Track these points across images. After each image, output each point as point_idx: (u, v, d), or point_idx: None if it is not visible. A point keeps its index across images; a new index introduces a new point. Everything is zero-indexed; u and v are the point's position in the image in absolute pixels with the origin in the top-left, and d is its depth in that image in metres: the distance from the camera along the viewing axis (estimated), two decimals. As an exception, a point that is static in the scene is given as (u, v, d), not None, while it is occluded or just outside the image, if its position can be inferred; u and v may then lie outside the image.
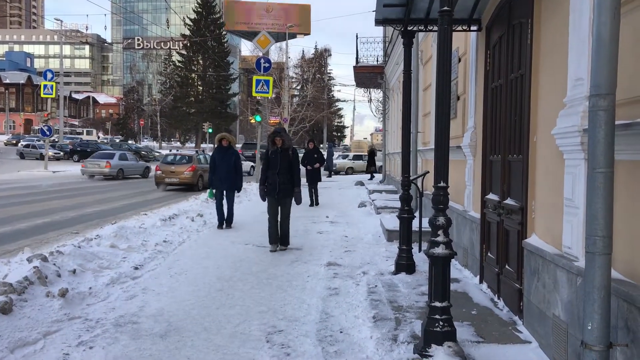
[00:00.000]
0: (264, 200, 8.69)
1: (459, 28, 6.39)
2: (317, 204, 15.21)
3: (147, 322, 5.13)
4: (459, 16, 6.18)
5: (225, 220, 10.88)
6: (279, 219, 8.65)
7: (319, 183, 15.91)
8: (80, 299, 5.69)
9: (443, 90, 4.23)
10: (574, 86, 3.66)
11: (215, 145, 11.25)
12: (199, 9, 73.52)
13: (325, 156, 26.12)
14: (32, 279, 5.63)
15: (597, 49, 2.67)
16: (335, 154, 40.69)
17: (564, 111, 3.81)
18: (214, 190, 11.19)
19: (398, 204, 7.53)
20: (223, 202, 10.92)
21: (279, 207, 8.64)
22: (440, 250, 4.11)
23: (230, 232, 10.20)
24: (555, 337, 3.94)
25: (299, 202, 8.75)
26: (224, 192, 10.91)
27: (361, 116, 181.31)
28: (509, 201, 5.24)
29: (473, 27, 6.46)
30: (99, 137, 71.74)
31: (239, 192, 11.58)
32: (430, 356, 3.94)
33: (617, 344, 2.87)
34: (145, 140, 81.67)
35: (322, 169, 17.25)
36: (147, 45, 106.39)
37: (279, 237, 8.64)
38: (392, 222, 9.35)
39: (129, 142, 69.16)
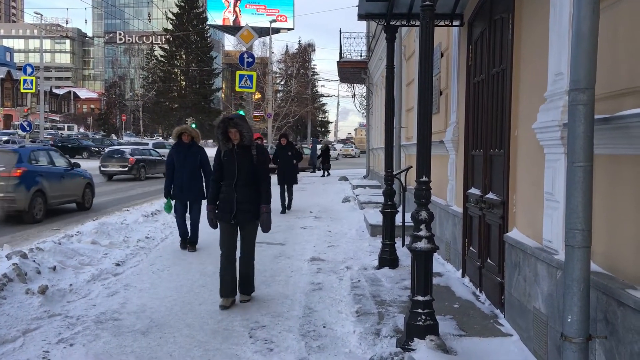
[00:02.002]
0: (214, 227, 5.60)
1: (441, 23, 6.41)
2: (288, 208, 12.73)
3: (128, 319, 5.08)
4: (441, 11, 6.19)
5: (189, 241, 8.21)
6: (236, 256, 5.63)
7: (294, 185, 13.13)
8: (61, 296, 5.62)
9: (425, 85, 4.24)
10: (554, 81, 3.69)
11: (174, 142, 8.44)
12: (181, 3, 72.91)
13: (301, 152, 25.53)
14: (11, 276, 5.56)
15: (576, 43, 2.69)
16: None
17: (544, 106, 3.83)
18: (172, 202, 8.31)
19: (381, 199, 7.56)
20: (187, 216, 8.33)
21: (238, 238, 5.61)
22: (422, 244, 4.13)
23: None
24: (535, 330, 3.98)
25: (266, 229, 5.55)
26: (188, 203, 8.29)
27: (346, 111, 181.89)
28: (490, 195, 5.28)
29: (455, 22, 6.48)
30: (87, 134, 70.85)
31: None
32: (413, 350, 3.96)
33: (596, 336, 2.91)
34: (126, 135, 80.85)
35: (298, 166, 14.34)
36: (128, 40, 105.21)
37: (238, 281, 5.64)
38: (376, 217, 9.38)
39: (111, 136, 68.38)
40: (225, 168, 5.45)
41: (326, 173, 26.64)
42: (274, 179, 12.36)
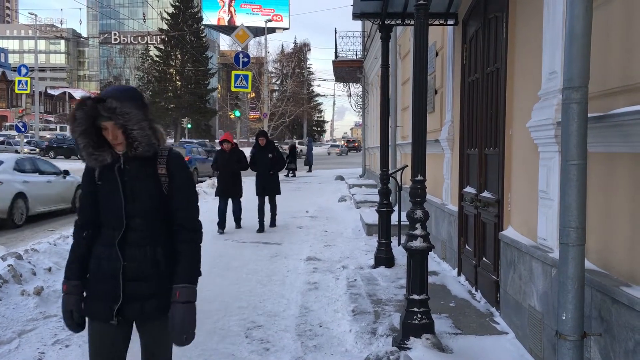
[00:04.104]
0: (76, 328, 2.61)
1: (436, 22, 6.42)
2: (273, 225, 10.39)
3: (124, 320, 5.07)
4: (436, 10, 6.20)
5: None
6: None
7: (277, 196, 10.60)
8: (56, 297, 5.60)
9: (420, 84, 4.25)
10: (548, 79, 3.70)
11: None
12: (176, 3, 72.73)
13: (283, 154, 24.36)
14: (7, 278, 5.54)
15: (570, 42, 2.70)
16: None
17: (539, 104, 3.84)
18: None
19: (377, 198, 7.57)
20: None
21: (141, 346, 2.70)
22: (418, 243, 4.14)
23: (209, 226, 10.13)
24: (531, 328, 3.99)
25: (181, 338, 2.51)
26: None
27: (342, 110, 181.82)
28: (485, 194, 5.29)
29: (450, 21, 6.49)
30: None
31: None
32: (409, 348, 3.97)
33: (591, 333, 2.92)
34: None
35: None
36: (124, 40, 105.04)
37: None
38: (372, 216, 9.38)
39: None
40: (102, 204, 2.58)
41: (291, 174, 25.49)
42: (252, 187, 10.67)
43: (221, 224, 9.83)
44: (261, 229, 9.91)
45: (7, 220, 10.52)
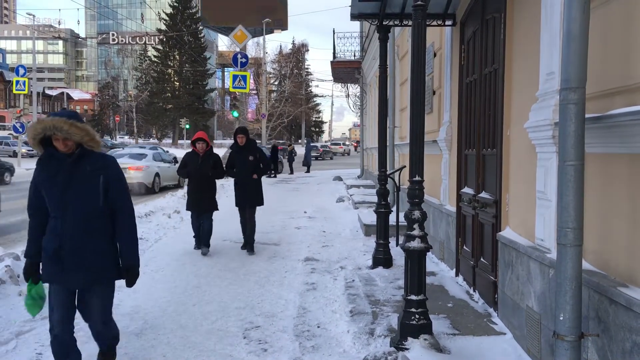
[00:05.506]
0: None
1: (434, 23, 6.42)
2: (250, 246, 8.22)
3: (122, 321, 5.05)
4: (434, 11, 6.20)
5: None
6: None
7: (258, 207, 8.47)
8: (54, 298, 5.60)
9: (417, 85, 4.25)
10: (546, 80, 3.70)
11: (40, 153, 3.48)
12: (175, 4, 72.72)
13: (270, 155, 24.09)
14: (4, 278, 5.55)
15: (567, 43, 2.70)
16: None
17: (536, 105, 3.85)
18: (45, 288, 3.57)
19: (375, 199, 7.57)
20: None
21: None
22: (415, 244, 4.14)
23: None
24: (528, 328, 4.00)
25: None
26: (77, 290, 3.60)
27: (341, 110, 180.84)
28: (483, 195, 5.30)
29: (448, 22, 6.49)
30: None
31: (132, 276, 3.60)
32: (407, 349, 3.97)
33: (588, 333, 2.92)
34: (120, 136, 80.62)
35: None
36: (122, 40, 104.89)
37: None
38: (370, 216, 9.39)
39: (104, 137, 68.09)
40: None
41: (273, 174, 25.25)
42: (230, 196, 9.63)
43: (199, 240, 8.26)
44: (244, 246, 8.34)
45: (150, 189, 17.98)
